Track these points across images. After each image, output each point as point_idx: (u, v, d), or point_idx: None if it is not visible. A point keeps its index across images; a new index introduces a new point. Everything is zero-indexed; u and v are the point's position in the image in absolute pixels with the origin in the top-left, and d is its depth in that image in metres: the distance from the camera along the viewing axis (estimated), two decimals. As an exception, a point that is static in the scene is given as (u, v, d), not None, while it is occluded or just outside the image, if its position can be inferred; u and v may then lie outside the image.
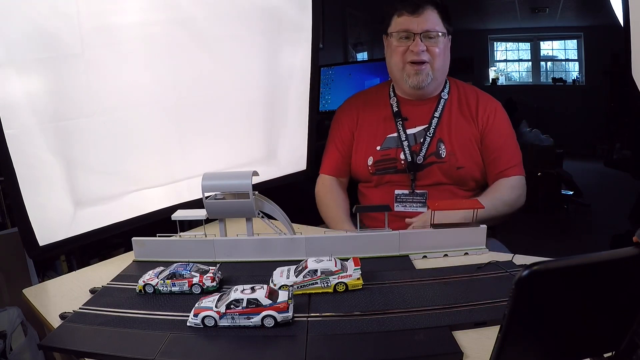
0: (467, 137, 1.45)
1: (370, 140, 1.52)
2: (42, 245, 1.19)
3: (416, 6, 1.41)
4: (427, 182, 1.45)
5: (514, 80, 7.15)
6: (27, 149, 1.15)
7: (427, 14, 1.40)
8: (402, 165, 1.46)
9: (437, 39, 1.41)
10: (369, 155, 1.51)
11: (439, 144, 1.45)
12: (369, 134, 1.53)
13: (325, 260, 0.95)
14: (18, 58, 1.12)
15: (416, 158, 1.45)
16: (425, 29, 1.40)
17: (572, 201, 4.05)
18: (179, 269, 0.97)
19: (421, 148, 1.45)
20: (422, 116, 1.48)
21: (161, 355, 0.74)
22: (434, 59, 1.42)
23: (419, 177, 1.45)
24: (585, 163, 5.19)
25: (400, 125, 1.49)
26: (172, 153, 1.47)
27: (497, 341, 0.51)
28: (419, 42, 1.40)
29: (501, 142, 1.46)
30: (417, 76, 1.42)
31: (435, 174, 1.44)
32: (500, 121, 1.48)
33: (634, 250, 0.52)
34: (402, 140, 1.47)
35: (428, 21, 1.40)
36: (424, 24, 1.40)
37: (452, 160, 1.43)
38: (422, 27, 1.39)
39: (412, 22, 1.40)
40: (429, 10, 1.40)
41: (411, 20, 1.41)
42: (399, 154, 1.46)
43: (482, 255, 1.10)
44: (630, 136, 4.09)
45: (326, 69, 2.99)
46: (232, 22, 1.51)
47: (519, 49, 6.99)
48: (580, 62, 6.49)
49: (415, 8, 1.41)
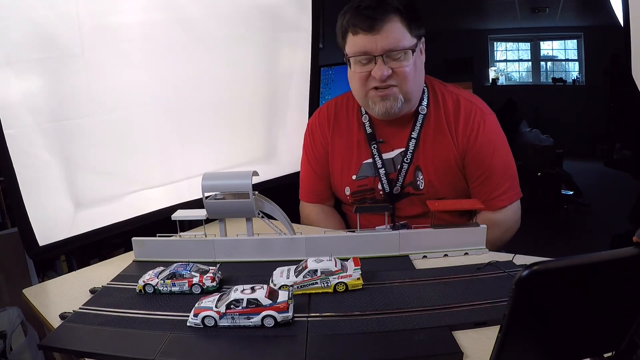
0: (448, 160, 1.27)
1: (345, 167, 1.36)
2: (42, 245, 1.20)
3: (371, 21, 1.14)
4: (409, 214, 1.30)
5: (514, 80, 7.14)
6: (27, 149, 1.15)
7: (387, 28, 1.14)
8: (380, 196, 1.32)
9: (404, 56, 1.17)
10: (346, 185, 1.36)
11: (416, 173, 1.28)
12: (343, 159, 1.36)
13: (325, 260, 0.95)
14: (18, 58, 1.12)
15: (394, 188, 1.30)
16: (387, 49, 1.15)
17: (572, 201, 4.06)
18: (179, 269, 0.97)
19: (397, 177, 1.30)
20: (399, 137, 1.30)
21: (161, 355, 0.74)
22: (402, 81, 1.19)
23: (398, 207, 1.31)
24: (585, 163, 5.19)
25: (375, 150, 1.31)
26: (172, 153, 1.47)
27: (497, 341, 0.51)
28: (381, 65, 1.16)
29: (486, 164, 1.26)
30: (384, 102, 1.21)
31: (415, 205, 1.30)
32: (486, 137, 1.26)
33: (634, 250, 0.52)
34: (377, 168, 1.30)
35: (390, 37, 1.15)
36: (385, 42, 1.15)
37: (430, 191, 1.28)
38: (382, 47, 1.15)
39: (370, 42, 1.16)
40: (390, 22, 1.15)
41: (368, 40, 1.16)
42: (376, 184, 1.32)
43: (482, 255, 1.10)
44: (630, 136, 4.10)
45: (326, 69, 2.99)
46: (232, 22, 1.51)
47: (519, 49, 6.98)
48: (580, 62, 6.49)
49: (372, 23, 1.14)
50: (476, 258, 1.09)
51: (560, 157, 4.17)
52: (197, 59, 1.46)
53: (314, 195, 1.45)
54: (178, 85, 1.43)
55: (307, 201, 1.47)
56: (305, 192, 1.48)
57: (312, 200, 1.46)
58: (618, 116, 5.18)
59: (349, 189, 1.37)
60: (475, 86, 1.45)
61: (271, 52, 1.64)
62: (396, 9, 1.16)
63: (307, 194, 1.47)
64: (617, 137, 4.54)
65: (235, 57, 1.55)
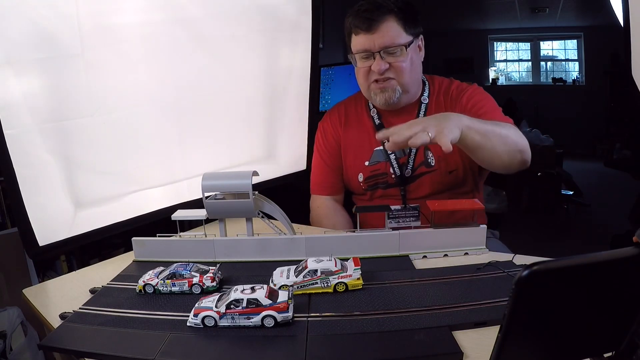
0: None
1: (358, 155, 1.45)
2: (42, 245, 1.20)
3: (369, 22, 1.29)
4: (419, 195, 1.38)
5: (514, 80, 7.15)
6: (27, 149, 1.15)
7: (383, 28, 1.29)
8: (392, 179, 1.40)
9: (400, 52, 1.31)
10: (359, 171, 1.45)
11: (426, 153, 1.38)
12: (355, 148, 1.46)
13: (325, 260, 0.95)
14: (18, 58, 1.12)
15: (405, 171, 1.39)
16: (383, 46, 1.29)
17: (572, 201, 4.06)
18: (179, 269, 0.97)
19: (408, 160, 1.39)
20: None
21: (161, 355, 0.74)
22: (399, 74, 1.33)
23: (410, 190, 1.39)
24: (585, 163, 5.20)
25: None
26: (172, 153, 1.47)
27: (497, 341, 0.51)
28: (379, 61, 1.30)
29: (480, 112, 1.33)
30: (383, 94, 1.35)
31: (425, 185, 1.38)
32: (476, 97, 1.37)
33: (634, 250, 0.52)
34: (388, 154, 1.40)
35: (386, 36, 1.29)
36: (381, 40, 1.29)
37: (442, 166, 1.37)
38: (379, 44, 1.29)
39: (369, 41, 1.30)
40: (386, 22, 1.29)
41: (367, 38, 1.30)
42: (388, 168, 1.40)
43: (482, 255, 1.10)
44: (630, 136, 4.10)
45: (326, 69, 2.99)
46: (232, 21, 1.51)
47: (519, 49, 6.99)
48: (580, 62, 6.50)
49: (369, 24, 1.29)
50: (476, 258, 1.09)
51: (560, 157, 4.17)
52: (197, 59, 1.46)
53: (325, 187, 1.52)
54: (178, 85, 1.43)
55: (319, 194, 1.53)
56: (316, 185, 1.54)
57: (324, 193, 1.52)
58: (618, 116, 5.19)
59: (362, 175, 1.44)
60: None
61: (271, 52, 1.64)
62: (391, 10, 1.30)
63: (318, 186, 1.53)
64: (617, 137, 4.53)
65: (235, 57, 1.55)
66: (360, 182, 1.45)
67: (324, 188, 1.52)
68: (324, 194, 1.52)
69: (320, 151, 1.54)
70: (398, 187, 1.40)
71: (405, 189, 1.39)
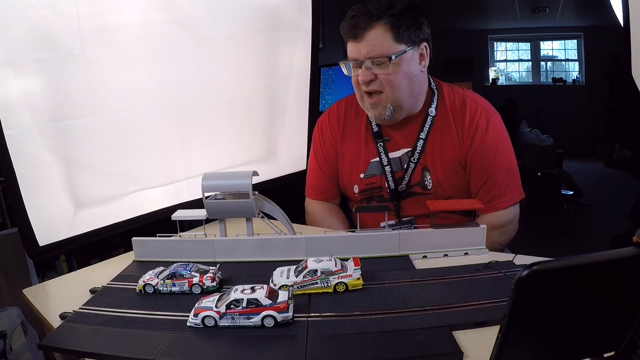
0: (455, 160, 1.29)
1: (354, 165, 1.39)
2: (42, 245, 1.20)
3: (355, 29, 1.19)
4: (412, 214, 1.33)
5: (514, 80, 7.14)
6: (27, 149, 1.15)
7: (369, 36, 1.19)
8: (387, 194, 1.35)
9: (387, 63, 1.19)
10: (354, 183, 1.39)
11: (424, 174, 1.31)
12: (352, 158, 1.39)
13: (325, 260, 0.95)
14: (18, 58, 1.12)
15: (399, 186, 1.32)
16: (367, 56, 1.20)
17: (572, 201, 4.06)
18: (179, 269, 0.97)
19: (404, 175, 1.32)
20: (407, 137, 1.32)
21: (161, 355, 0.74)
22: (389, 88, 1.22)
23: (403, 207, 1.34)
24: (585, 163, 5.19)
25: (381, 148, 1.34)
26: (172, 153, 1.47)
27: (497, 341, 0.51)
28: (364, 70, 1.21)
29: (489, 164, 1.26)
30: (374, 110, 1.26)
31: (419, 206, 1.30)
32: (490, 137, 1.26)
33: (634, 250, 0.52)
34: (384, 166, 1.33)
35: (370, 45, 1.19)
36: (366, 49, 1.19)
37: (438, 191, 1.30)
38: (364, 53, 1.20)
39: (356, 49, 1.21)
40: (373, 30, 1.18)
41: (355, 47, 1.22)
42: (384, 182, 1.34)
43: (482, 256, 1.10)
44: (630, 136, 4.10)
45: (326, 69, 2.99)
46: (231, 21, 1.51)
47: (519, 49, 6.98)
48: (580, 62, 6.49)
49: (355, 32, 1.20)
50: (476, 258, 1.09)
51: (560, 157, 4.17)
52: (197, 59, 1.46)
53: (320, 193, 1.47)
54: (178, 85, 1.43)
55: (313, 198, 1.48)
56: (311, 189, 1.49)
57: (318, 198, 1.47)
58: (618, 116, 5.18)
59: (357, 187, 1.39)
60: (475, 86, 1.45)
61: (271, 52, 1.64)
62: (381, 17, 1.18)
63: (313, 191, 1.48)
64: (617, 137, 4.53)
65: (235, 57, 1.55)
66: (355, 193, 1.40)
67: (319, 193, 1.47)
68: (319, 198, 1.47)
69: (316, 154, 1.48)
70: (392, 202, 1.34)
71: (398, 204, 1.34)
